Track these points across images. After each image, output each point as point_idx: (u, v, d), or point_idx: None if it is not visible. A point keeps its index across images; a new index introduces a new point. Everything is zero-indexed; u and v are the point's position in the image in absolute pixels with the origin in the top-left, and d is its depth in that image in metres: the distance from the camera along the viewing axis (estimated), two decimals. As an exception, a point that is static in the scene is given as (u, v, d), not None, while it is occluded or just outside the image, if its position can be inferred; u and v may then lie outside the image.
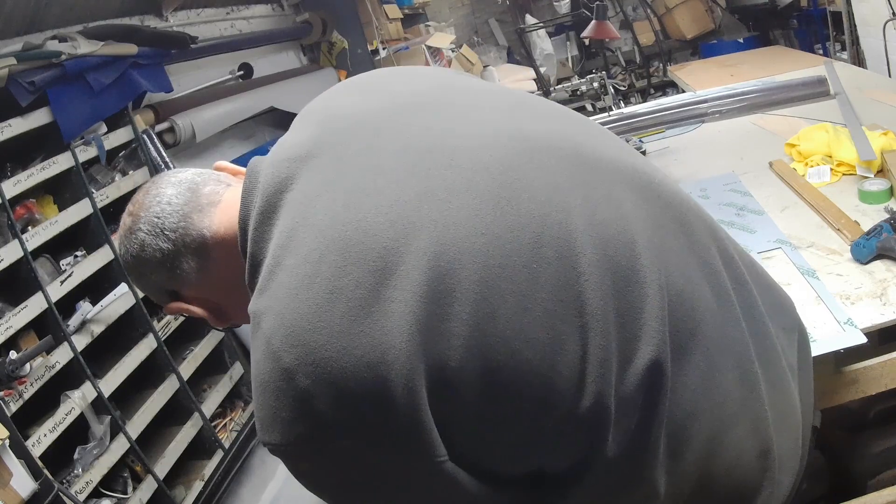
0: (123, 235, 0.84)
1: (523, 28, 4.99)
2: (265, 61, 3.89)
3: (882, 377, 1.23)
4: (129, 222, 0.83)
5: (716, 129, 2.78)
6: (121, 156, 2.57)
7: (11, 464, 1.69)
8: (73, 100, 2.25)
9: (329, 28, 4.40)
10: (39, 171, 2.12)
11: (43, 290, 2.01)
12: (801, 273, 1.45)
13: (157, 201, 0.81)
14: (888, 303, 1.25)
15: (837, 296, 1.32)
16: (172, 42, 2.86)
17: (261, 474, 2.83)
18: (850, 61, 3.81)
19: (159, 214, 0.80)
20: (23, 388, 1.85)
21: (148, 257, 0.81)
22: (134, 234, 0.82)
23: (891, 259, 1.38)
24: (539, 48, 6.57)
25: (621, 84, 6.31)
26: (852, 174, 1.87)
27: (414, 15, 5.72)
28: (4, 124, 2.02)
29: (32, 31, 2.38)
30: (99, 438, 2.09)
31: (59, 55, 2.19)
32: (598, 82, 3.56)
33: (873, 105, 2.43)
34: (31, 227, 2.07)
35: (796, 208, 1.79)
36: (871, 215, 1.60)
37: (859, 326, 1.21)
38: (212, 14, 3.59)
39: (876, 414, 1.55)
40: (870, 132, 1.94)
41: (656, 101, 3.73)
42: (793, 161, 2.10)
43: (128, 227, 0.83)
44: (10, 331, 1.88)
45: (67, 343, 2.05)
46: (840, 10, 3.96)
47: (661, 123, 2.37)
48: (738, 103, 2.12)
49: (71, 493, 1.88)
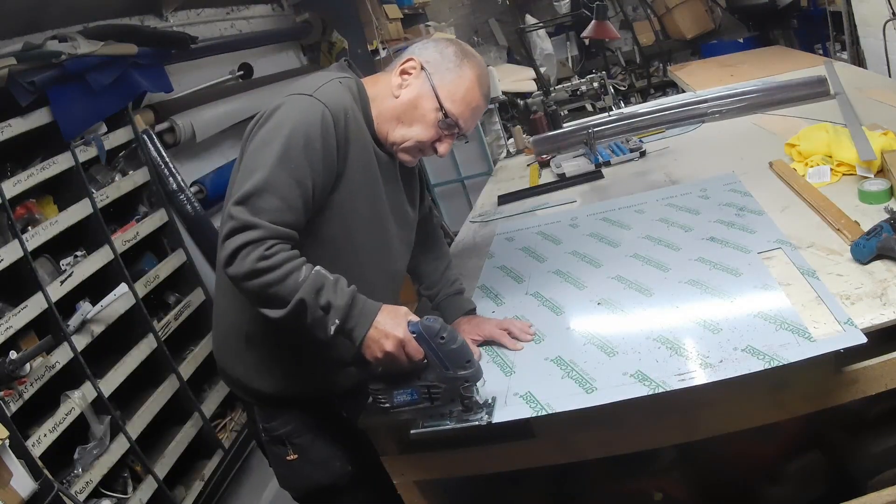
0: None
1: (523, 28, 4.99)
2: (265, 61, 3.89)
3: (882, 377, 1.23)
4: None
5: (716, 129, 2.78)
6: (121, 156, 2.57)
7: (11, 464, 1.69)
8: (73, 100, 2.25)
9: (329, 28, 4.39)
10: (39, 171, 2.12)
11: (43, 290, 2.01)
12: (801, 273, 1.45)
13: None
14: (888, 303, 1.24)
15: (837, 296, 1.32)
16: (172, 42, 2.86)
17: (260, 474, 2.83)
18: (850, 61, 3.81)
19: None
20: (23, 388, 1.85)
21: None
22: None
23: (891, 259, 1.37)
24: (539, 48, 6.57)
25: (621, 84, 6.31)
26: (852, 174, 1.87)
27: (414, 15, 5.72)
28: (4, 124, 2.02)
29: (32, 31, 2.38)
30: (99, 438, 2.09)
31: (59, 55, 2.19)
32: (598, 82, 3.56)
33: (873, 105, 2.43)
34: (31, 227, 2.07)
35: (796, 208, 1.79)
36: (871, 215, 1.60)
37: (859, 327, 1.21)
38: (212, 14, 3.59)
39: (876, 414, 1.55)
40: (870, 132, 1.94)
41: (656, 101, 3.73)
42: (793, 161, 2.10)
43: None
44: (10, 331, 1.88)
45: (67, 343, 2.05)
46: (840, 10, 3.96)
47: (661, 123, 2.37)
48: (738, 103, 2.12)
49: (71, 493, 1.88)
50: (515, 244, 2.20)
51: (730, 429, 1.28)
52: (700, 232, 1.83)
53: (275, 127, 1.30)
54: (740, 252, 1.64)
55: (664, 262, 1.73)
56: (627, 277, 1.70)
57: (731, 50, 5.63)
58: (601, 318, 1.56)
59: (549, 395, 1.31)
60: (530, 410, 1.29)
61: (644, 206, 2.17)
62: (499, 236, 2.33)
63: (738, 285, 1.49)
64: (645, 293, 1.60)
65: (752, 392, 1.25)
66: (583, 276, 1.80)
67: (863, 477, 1.50)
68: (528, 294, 1.79)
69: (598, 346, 1.43)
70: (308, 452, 1.56)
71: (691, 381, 1.23)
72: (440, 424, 1.32)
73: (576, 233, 2.13)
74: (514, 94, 5.39)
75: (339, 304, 1.23)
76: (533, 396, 1.32)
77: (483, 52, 6.60)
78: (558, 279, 1.82)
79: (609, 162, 2.84)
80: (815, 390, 1.24)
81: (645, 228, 1.98)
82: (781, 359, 1.20)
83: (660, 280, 1.64)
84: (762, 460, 1.70)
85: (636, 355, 1.35)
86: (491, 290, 1.88)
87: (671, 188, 2.29)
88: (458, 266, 1.93)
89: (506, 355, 1.51)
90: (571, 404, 1.27)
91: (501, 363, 1.48)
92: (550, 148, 2.69)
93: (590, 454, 1.35)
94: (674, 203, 2.11)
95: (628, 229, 2.03)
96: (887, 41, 3.28)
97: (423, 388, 1.29)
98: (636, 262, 1.78)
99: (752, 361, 1.22)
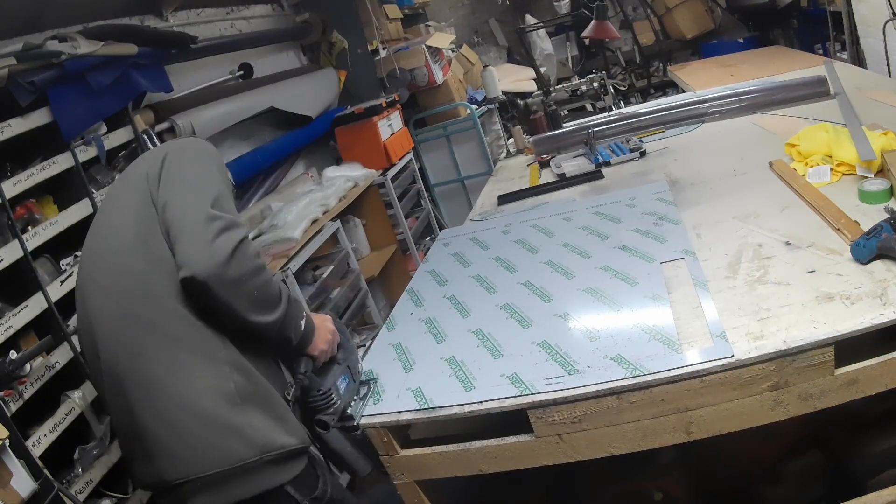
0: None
1: (523, 28, 4.99)
2: (265, 61, 3.89)
3: (882, 377, 1.23)
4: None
5: (716, 129, 2.78)
6: (121, 156, 2.57)
7: (11, 464, 1.68)
8: (73, 100, 2.24)
9: (329, 28, 4.39)
10: (39, 171, 2.12)
11: (43, 290, 2.01)
12: (693, 284, 1.52)
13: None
14: (888, 303, 1.24)
15: (837, 296, 1.32)
16: (172, 42, 2.86)
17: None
18: (850, 61, 3.81)
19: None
20: (23, 388, 1.85)
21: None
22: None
23: (891, 259, 1.37)
24: (539, 48, 6.57)
25: (621, 84, 6.32)
26: (852, 174, 1.87)
27: (414, 15, 5.72)
28: (4, 124, 2.02)
29: (32, 31, 2.38)
30: (99, 438, 2.09)
31: (59, 55, 2.19)
32: (598, 82, 3.56)
33: (873, 105, 2.43)
34: (31, 227, 2.07)
35: (796, 208, 1.79)
36: (871, 215, 1.60)
37: (858, 327, 1.21)
38: (212, 14, 3.59)
39: (876, 414, 1.55)
40: (870, 132, 1.94)
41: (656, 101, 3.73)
42: (793, 161, 2.10)
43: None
44: (10, 331, 1.88)
45: (67, 343, 2.05)
46: (840, 10, 3.96)
47: (661, 123, 2.36)
48: (738, 103, 2.11)
49: (71, 493, 1.88)
50: (450, 249, 2.31)
51: (730, 429, 1.29)
52: (615, 240, 1.92)
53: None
54: (645, 261, 1.71)
55: (571, 269, 1.81)
56: (534, 283, 1.79)
57: (731, 50, 5.63)
58: (499, 322, 1.65)
59: (434, 392, 1.45)
60: (416, 404, 1.43)
61: (573, 214, 2.25)
62: (437, 243, 2.45)
63: (630, 295, 1.57)
64: (545, 299, 1.69)
65: (752, 392, 1.25)
66: (497, 281, 1.90)
67: (863, 477, 1.49)
68: (444, 297, 1.90)
69: (489, 348, 1.54)
70: (347, 494, 1.49)
71: (557, 386, 1.32)
72: (358, 405, 1.51)
73: (505, 239, 2.23)
74: (514, 94, 5.40)
75: (299, 300, 1.28)
76: (421, 392, 1.46)
77: (483, 53, 6.61)
78: (475, 283, 1.93)
79: (609, 162, 2.84)
80: (815, 390, 1.24)
81: (566, 236, 2.06)
82: (644, 369, 1.28)
83: (562, 287, 1.73)
84: (762, 460, 1.70)
85: (518, 358, 1.45)
86: (416, 294, 2.00)
87: (603, 196, 2.38)
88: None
89: (410, 353, 1.65)
90: (451, 401, 1.40)
91: (404, 361, 1.63)
92: (550, 148, 2.69)
93: (590, 454, 1.36)
94: (601, 211, 2.19)
95: (551, 236, 2.11)
96: (887, 41, 3.28)
97: (345, 369, 1.51)
98: (547, 269, 1.86)
99: (617, 370, 1.30)
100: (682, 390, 1.26)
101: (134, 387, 1.27)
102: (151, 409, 1.26)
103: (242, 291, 1.22)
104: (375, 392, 1.53)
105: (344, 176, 3.66)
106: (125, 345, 1.28)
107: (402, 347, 1.69)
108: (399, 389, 1.50)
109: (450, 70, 5.07)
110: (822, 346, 1.21)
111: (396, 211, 4.11)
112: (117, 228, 1.35)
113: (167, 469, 1.27)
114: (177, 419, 1.25)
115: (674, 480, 1.78)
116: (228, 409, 1.25)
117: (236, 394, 1.26)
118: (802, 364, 1.22)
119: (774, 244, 1.62)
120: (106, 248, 1.36)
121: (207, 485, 1.26)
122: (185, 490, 1.27)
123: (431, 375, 1.51)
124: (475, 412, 1.36)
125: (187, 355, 1.26)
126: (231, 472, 1.25)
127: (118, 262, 1.31)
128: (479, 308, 1.77)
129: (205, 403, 1.24)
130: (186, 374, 1.25)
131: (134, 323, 1.28)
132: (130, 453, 1.36)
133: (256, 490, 1.28)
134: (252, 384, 1.29)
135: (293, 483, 1.32)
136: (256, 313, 1.25)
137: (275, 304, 1.27)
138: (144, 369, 1.26)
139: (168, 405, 1.25)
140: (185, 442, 1.25)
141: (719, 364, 1.24)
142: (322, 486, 1.37)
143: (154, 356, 1.26)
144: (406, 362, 1.61)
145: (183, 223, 1.24)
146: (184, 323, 1.26)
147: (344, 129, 4.05)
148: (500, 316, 1.68)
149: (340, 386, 1.46)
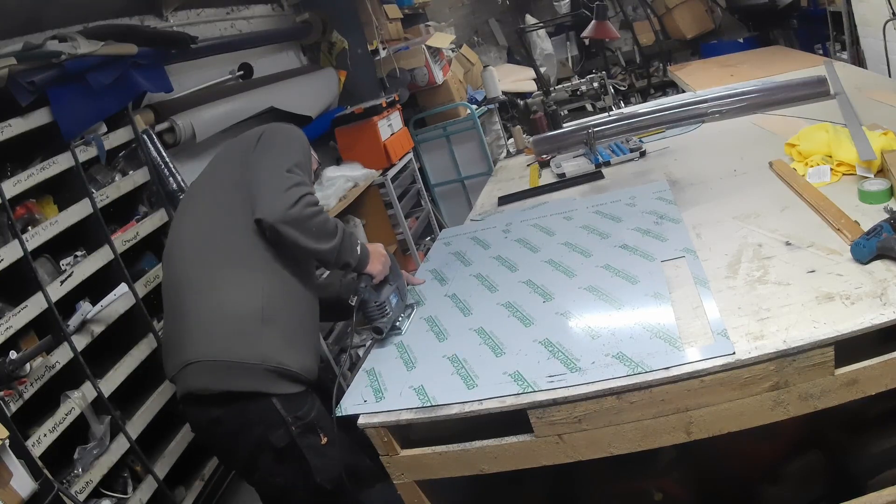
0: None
1: (523, 28, 4.99)
2: (265, 61, 3.90)
3: (882, 377, 1.23)
4: None
5: (716, 129, 2.78)
6: (121, 156, 2.57)
7: (11, 464, 1.69)
8: (73, 100, 2.25)
9: (329, 28, 4.40)
10: (39, 171, 2.12)
11: (43, 290, 2.01)
12: (694, 282, 1.52)
13: None
14: (888, 303, 1.24)
15: (837, 296, 1.32)
16: (172, 42, 2.86)
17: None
18: (850, 61, 3.82)
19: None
20: (23, 388, 1.85)
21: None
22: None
23: (891, 259, 1.37)
24: (539, 48, 6.57)
25: (621, 84, 6.32)
26: (852, 174, 1.87)
27: (414, 15, 5.72)
28: (4, 124, 2.02)
29: (32, 31, 2.38)
30: (99, 438, 2.09)
31: (59, 55, 2.19)
32: (598, 82, 3.56)
33: (873, 105, 2.43)
34: (31, 227, 2.07)
35: (796, 208, 1.79)
36: (871, 215, 1.60)
37: (858, 327, 1.21)
38: (212, 14, 3.59)
39: (876, 414, 1.55)
40: (870, 132, 1.94)
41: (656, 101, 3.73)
42: (793, 161, 2.10)
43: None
44: (10, 331, 1.88)
45: (67, 343, 2.05)
46: (840, 10, 3.96)
47: (661, 123, 2.36)
48: (738, 103, 2.11)
49: (71, 493, 1.88)
50: (450, 248, 2.31)
51: (730, 429, 1.29)
52: (615, 239, 1.92)
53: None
54: (646, 260, 1.72)
55: (572, 268, 1.82)
56: (536, 282, 1.80)
57: (731, 50, 5.63)
58: (501, 320, 1.65)
59: (436, 389, 1.45)
60: (419, 402, 1.43)
61: (573, 213, 2.25)
62: (438, 242, 2.45)
63: (631, 293, 1.57)
64: (546, 297, 1.70)
65: (752, 392, 1.25)
66: (498, 279, 1.91)
67: (863, 477, 1.49)
68: (445, 296, 1.91)
69: (491, 346, 1.54)
70: (335, 435, 1.61)
71: (560, 383, 1.32)
72: (404, 320, 1.80)
73: (505, 238, 2.24)
74: (514, 94, 5.39)
75: (354, 233, 1.66)
76: (424, 390, 1.46)
77: (483, 53, 6.61)
78: (476, 282, 1.94)
79: (609, 162, 2.84)
80: (815, 390, 1.24)
81: (567, 235, 2.07)
82: (646, 366, 1.27)
83: (563, 285, 1.73)
84: (762, 460, 1.70)
85: (520, 356, 1.45)
86: (417, 293, 2.01)
87: (603, 195, 2.37)
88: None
89: (412, 351, 1.66)
90: (453, 398, 1.40)
91: (406, 359, 1.63)
92: (550, 148, 2.68)
93: (590, 454, 1.36)
94: (601, 210, 2.19)
95: (551, 235, 2.12)
96: (887, 41, 3.28)
97: (395, 290, 1.83)
98: (548, 268, 1.87)
99: (619, 367, 1.30)
100: (682, 390, 1.26)
101: (192, 291, 1.64)
102: (195, 310, 1.61)
103: (304, 228, 1.58)
104: (378, 389, 1.53)
105: (344, 176, 3.66)
106: (201, 257, 1.67)
107: (404, 346, 1.70)
108: (402, 387, 1.50)
109: (450, 70, 5.07)
110: (822, 346, 1.21)
111: (396, 211, 4.11)
112: (220, 176, 1.78)
113: (186, 352, 1.60)
114: (208, 317, 1.59)
115: (674, 480, 1.78)
116: (250, 320, 1.58)
117: (261, 312, 1.59)
118: (802, 364, 1.22)
119: (774, 244, 1.62)
120: (210, 186, 1.79)
121: (210, 369, 1.57)
122: (193, 370, 1.59)
123: (434, 373, 1.51)
124: (475, 412, 1.36)
125: (238, 275, 1.62)
126: (231, 365, 1.56)
127: (216, 199, 1.73)
128: (480, 306, 1.77)
129: (235, 308, 1.59)
130: (231, 286, 1.61)
131: (213, 243, 1.67)
132: (167, 353, 1.70)
133: (246, 388, 1.57)
134: (276, 312, 1.62)
135: (281, 399, 1.60)
136: (316, 243, 1.61)
137: (331, 235, 1.64)
138: (205, 278, 1.63)
139: (209, 305, 1.60)
140: (206, 332, 1.59)
141: (719, 364, 1.23)
142: (307, 411, 1.63)
143: (217, 270, 1.63)
144: (408, 360, 1.62)
145: (262, 177, 1.63)
146: (249, 251, 1.64)
147: (344, 129, 4.05)
148: (502, 314, 1.68)
149: (392, 301, 1.78)
